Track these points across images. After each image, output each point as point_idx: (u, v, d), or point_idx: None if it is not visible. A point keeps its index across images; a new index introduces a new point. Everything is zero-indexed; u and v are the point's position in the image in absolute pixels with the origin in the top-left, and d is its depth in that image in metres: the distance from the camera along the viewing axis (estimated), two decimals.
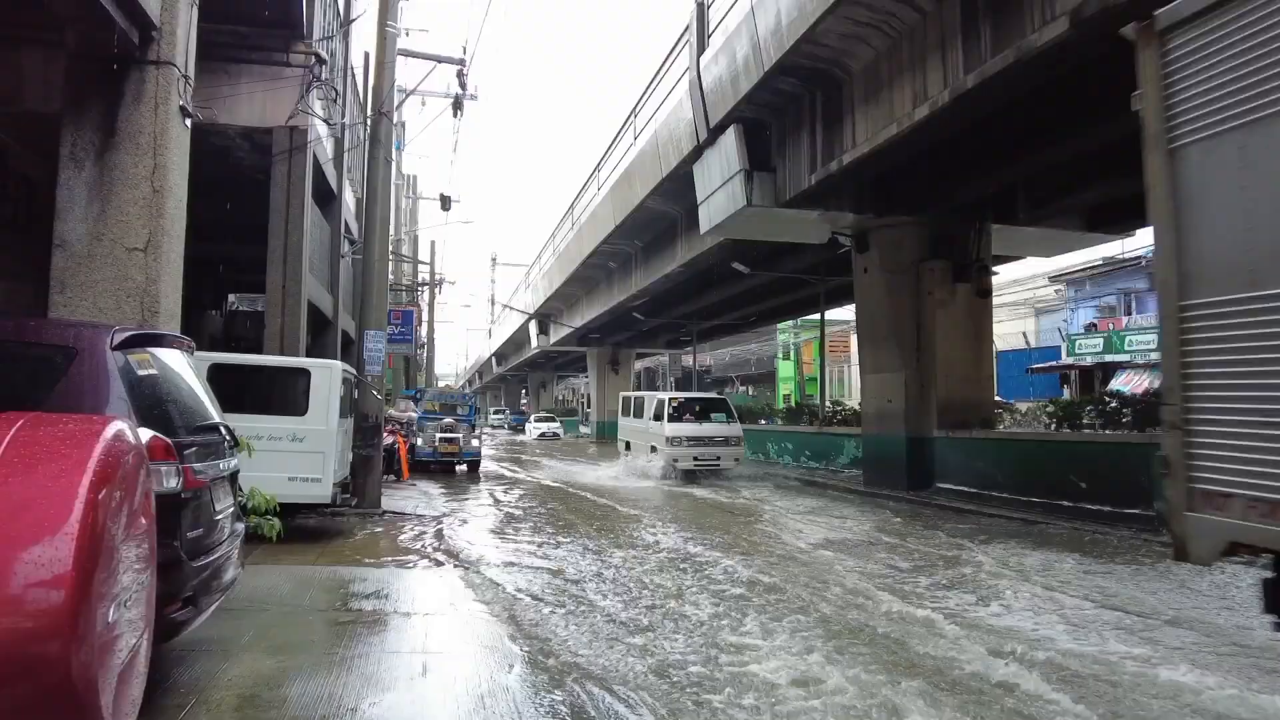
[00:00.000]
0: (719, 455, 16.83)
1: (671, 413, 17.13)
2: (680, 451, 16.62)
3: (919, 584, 7.08)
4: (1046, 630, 5.64)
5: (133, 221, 5.20)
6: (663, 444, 16.82)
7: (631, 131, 19.41)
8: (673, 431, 16.80)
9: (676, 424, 16.98)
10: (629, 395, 21.16)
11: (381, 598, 6.27)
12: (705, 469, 16.85)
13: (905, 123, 10.11)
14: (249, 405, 8.88)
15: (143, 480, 2.15)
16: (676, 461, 16.62)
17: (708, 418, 17.48)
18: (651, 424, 17.66)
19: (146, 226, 5.21)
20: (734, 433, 17.30)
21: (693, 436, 16.83)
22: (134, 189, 5.21)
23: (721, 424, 17.42)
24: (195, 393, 4.21)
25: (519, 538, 9.69)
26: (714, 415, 17.66)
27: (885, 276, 14.56)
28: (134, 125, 5.19)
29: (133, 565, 1.97)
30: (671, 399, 17.78)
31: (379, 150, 11.66)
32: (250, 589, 6.14)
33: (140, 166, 5.22)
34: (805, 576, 7.37)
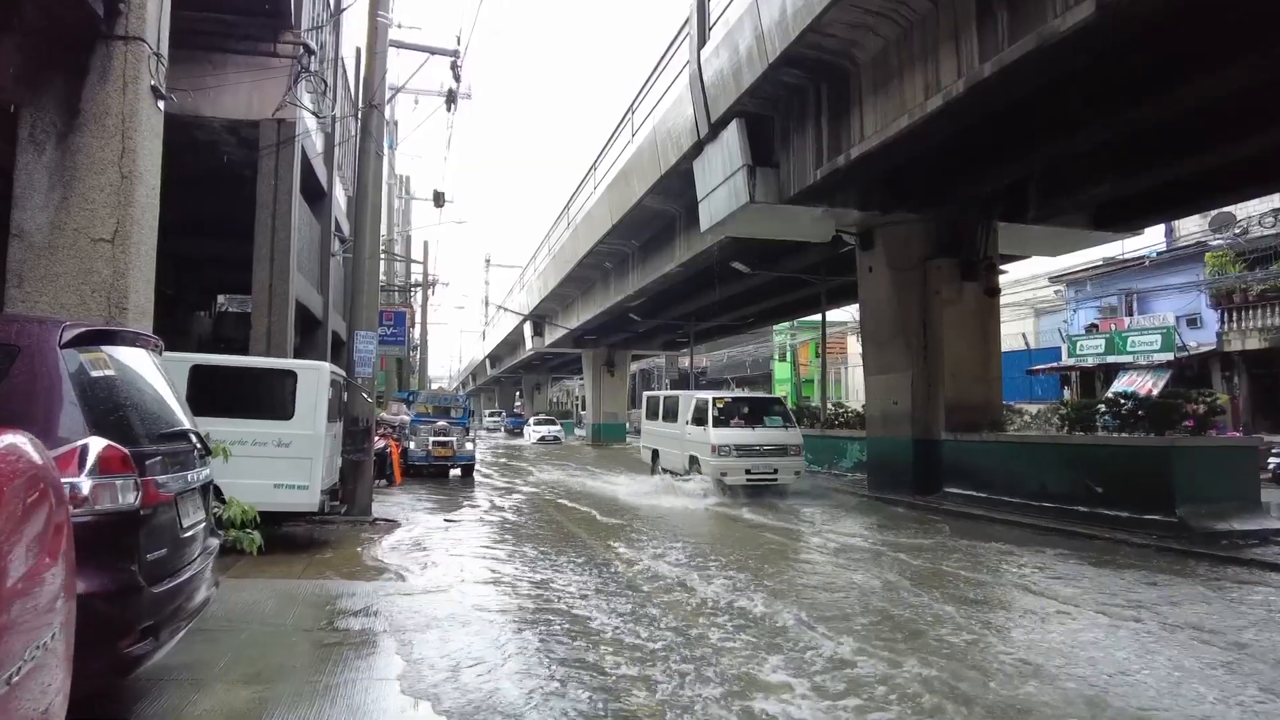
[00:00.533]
0: (776, 468, 13.98)
1: (717, 416, 14.20)
2: (729, 464, 13.77)
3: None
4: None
5: (98, 210, 4.78)
6: (707, 454, 13.96)
7: (629, 128, 19.02)
8: (720, 439, 13.88)
9: (723, 430, 14.06)
10: (656, 395, 18.23)
11: (371, 615, 5.85)
12: (760, 484, 13.99)
13: (917, 114, 9.74)
14: (233, 409, 8.46)
15: (48, 511, 1.73)
16: (724, 476, 13.71)
17: (760, 421, 14.56)
18: (689, 429, 14.88)
19: (114, 215, 4.79)
20: (793, 440, 14.43)
21: (744, 445, 13.92)
22: (100, 174, 4.79)
23: (778, 429, 14.51)
24: (161, 396, 3.80)
25: (518, 554, 9.28)
26: (768, 418, 14.78)
27: (891, 275, 14.19)
28: (100, 105, 4.77)
29: (27, 625, 1.55)
30: (716, 399, 14.68)
31: (370, 143, 11.25)
32: (228, 606, 5.72)
33: (107, 150, 4.81)
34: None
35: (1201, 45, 8.34)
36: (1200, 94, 9.15)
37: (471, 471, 18.32)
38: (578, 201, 25.98)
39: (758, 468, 13.92)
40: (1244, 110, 9.99)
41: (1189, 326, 24.41)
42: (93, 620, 2.90)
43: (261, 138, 11.19)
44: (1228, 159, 11.47)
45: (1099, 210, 14.84)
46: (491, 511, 12.33)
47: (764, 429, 14.44)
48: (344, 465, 10.46)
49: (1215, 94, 9.21)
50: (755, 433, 14.25)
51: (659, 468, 16.76)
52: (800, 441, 14.60)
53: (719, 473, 13.77)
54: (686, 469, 14.96)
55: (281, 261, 10.91)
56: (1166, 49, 8.45)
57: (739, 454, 13.84)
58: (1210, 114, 10.15)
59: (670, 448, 16.12)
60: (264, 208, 10.95)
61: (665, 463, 16.34)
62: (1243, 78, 8.64)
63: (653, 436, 17.57)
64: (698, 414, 14.74)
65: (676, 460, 15.61)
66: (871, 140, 10.80)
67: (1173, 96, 9.15)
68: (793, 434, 14.63)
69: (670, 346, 40.13)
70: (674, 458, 15.80)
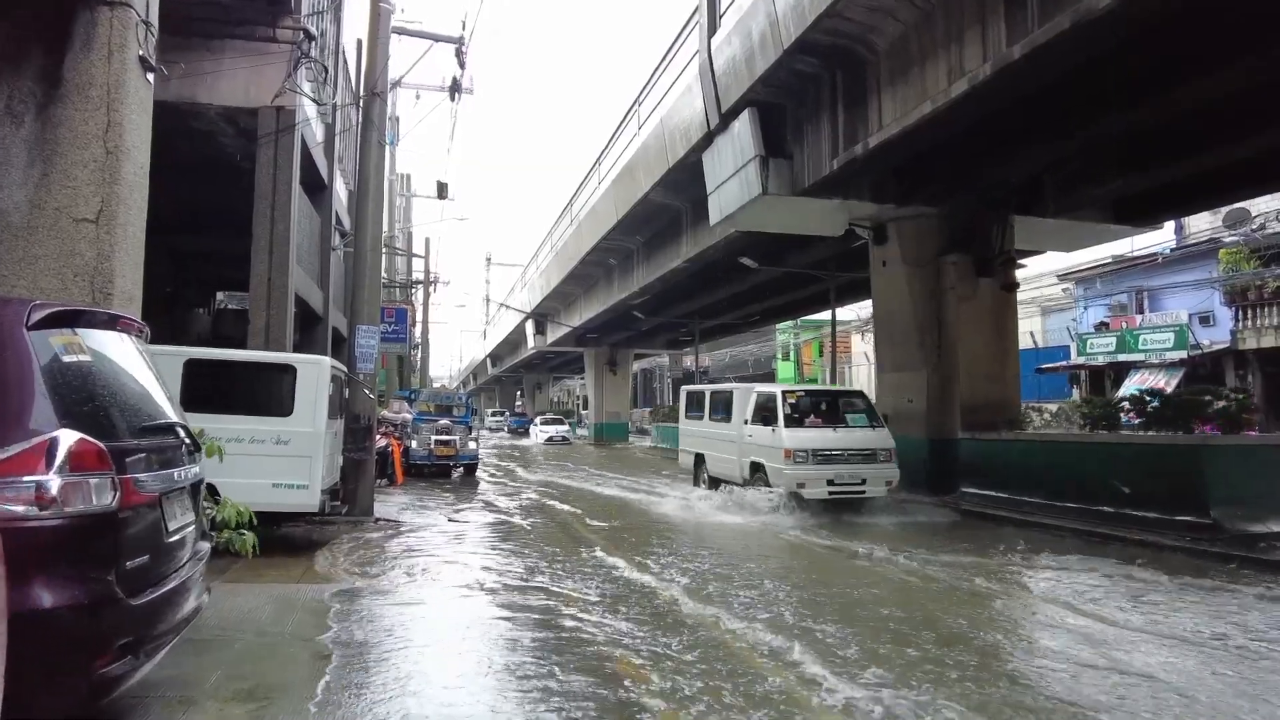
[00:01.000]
0: (864, 478, 11.43)
1: (789, 414, 11.70)
2: (807, 473, 11.19)
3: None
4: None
5: (82, 188, 4.43)
6: (778, 461, 11.35)
7: (635, 121, 18.67)
8: (795, 442, 11.28)
9: (798, 431, 11.52)
10: (700, 390, 15.63)
11: (375, 622, 5.50)
12: (845, 496, 11.42)
13: (940, 100, 9.38)
14: (229, 405, 8.14)
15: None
16: (802, 488, 11.16)
17: (840, 420, 12.08)
18: (751, 431, 12.35)
19: (98, 194, 4.44)
20: (883, 442, 11.82)
21: (825, 450, 11.36)
22: (83, 149, 4.44)
23: (863, 429, 11.97)
24: (144, 386, 3.45)
25: (530, 565, 8.93)
26: (850, 416, 12.23)
27: (905, 270, 13.84)
28: (83, 75, 4.43)
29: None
30: (786, 393, 12.15)
31: (372, 132, 10.91)
32: (222, 613, 5.37)
33: (91, 123, 4.46)
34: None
35: (1244, 28, 7.98)
36: (1235, 81, 8.81)
37: (474, 471, 17.99)
38: (581, 198, 25.64)
39: (843, 477, 11.34)
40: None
41: (1201, 324, 24.07)
42: (62, 638, 2.56)
43: (260, 126, 10.85)
44: (1257, 151, 11.12)
45: (1118, 203, 14.48)
46: (498, 513, 11.98)
47: (846, 429, 11.84)
48: (345, 464, 10.12)
49: (1252, 82, 8.87)
50: (837, 434, 11.66)
51: (703, 475, 14.28)
52: (892, 445, 11.88)
53: (794, 484, 11.17)
54: (746, 478, 12.37)
55: (280, 254, 10.56)
56: (1205, 29, 8.10)
57: (818, 461, 11.31)
58: (1244, 101, 9.79)
59: (722, 452, 13.45)
60: (263, 198, 10.61)
61: (715, 469, 13.86)
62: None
63: (696, 439, 14.82)
64: (762, 411, 12.25)
65: (730, 467, 13.04)
66: (891, 128, 10.45)
67: (1209, 82, 8.82)
68: (881, 435, 11.96)
69: (673, 345, 39.79)
70: (726, 464, 13.27)
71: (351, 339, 10.66)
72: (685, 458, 15.40)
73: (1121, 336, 25.48)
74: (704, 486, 14.02)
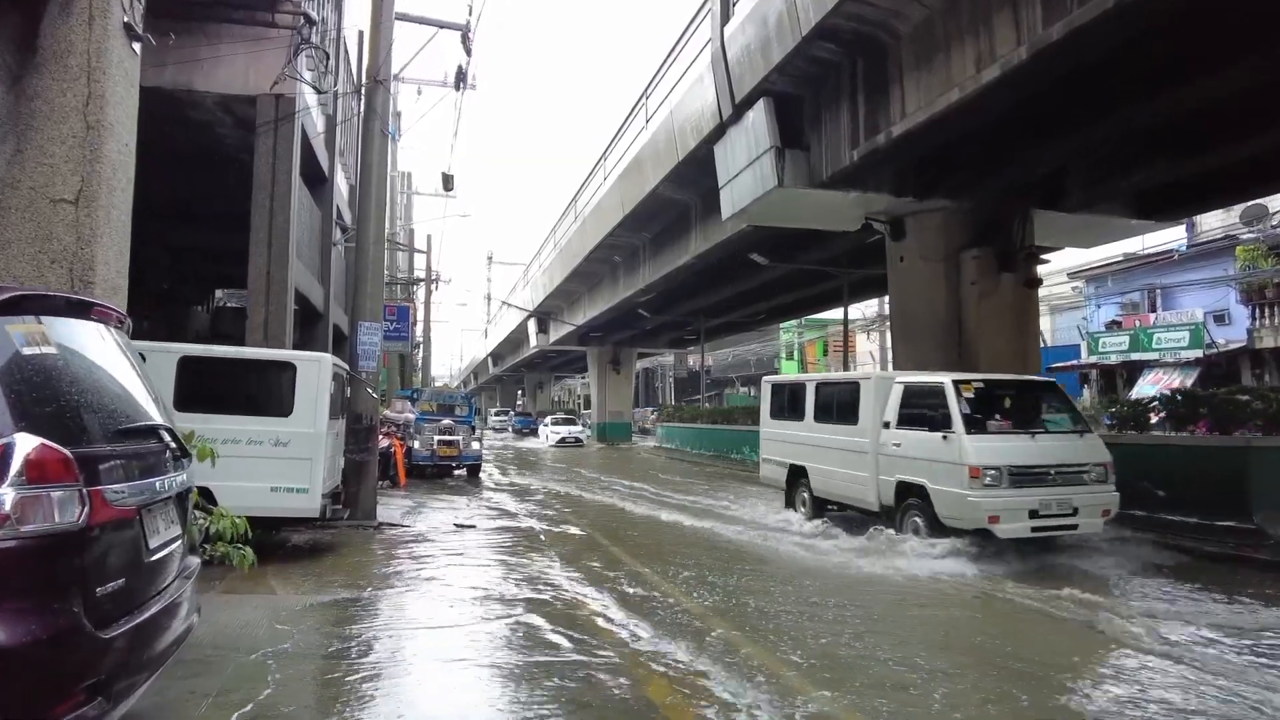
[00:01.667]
0: (1075, 506, 8.07)
1: (968, 414, 8.30)
2: (1002, 501, 7.83)
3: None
4: None
5: (59, 165, 4.03)
6: (958, 484, 7.99)
7: (643, 114, 18.25)
8: (986, 456, 7.98)
9: (986, 439, 8.21)
10: (795, 383, 12.28)
11: (385, 638, 5.10)
12: (1054, 532, 8.25)
13: (970, 87, 8.95)
14: (226, 405, 7.75)
15: None
16: (997, 520, 7.74)
17: (1034, 423, 8.71)
18: (899, 437, 9.02)
19: (78, 172, 4.04)
20: (1094, 455, 8.49)
21: (1026, 468, 8.06)
22: (61, 124, 4.04)
23: (1066, 435, 8.58)
24: (123, 383, 3.04)
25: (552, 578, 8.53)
26: (1048, 418, 8.88)
27: (924, 265, 13.41)
28: (61, 42, 4.02)
29: None
30: (959, 383, 8.66)
31: (375, 121, 10.53)
32: (216, 628, 4.97)
33: (70, 95, 4.06)
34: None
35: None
36: (1272, 71, 8.40)
37: (478, 472, 17.62)
38: (586, 194, 25.23)
39: (1049, 507, 7.97)
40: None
41: (1216, 323, 23.66)
42: (14, 681, 2.15)
43: (259, 114, 10.45)
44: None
45: (1141, 197, 14.05)
46: (506, 518, 11.58)
47: (1047, 437, 8.48)
48: (346, 466, 9.74)
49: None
50: (1036, 444, 8.33)
51: (802, 495, 11.12)
52: (1108, 458, 8.53)
53: (984, 516, 7.74)
54: (889, 504, 9.11)
55: (280, 247, 10.16)
56: (1248, 7, 7.69)
57: (1017, 483, 7.95)
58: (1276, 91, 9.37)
59: (841, 466, 10.04)
60: (261, 189, 10.20)
61: (826, 488, 10.55)
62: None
63: (791, 447, 11.46)
64: (915, 410, 8.93)
65: (857, 488, 9.74)
66: (915, 117, 10.02)
67: (1243, 69, 8.41)
68: (1092, 445, 8.61)
69: (677, 344, 39.37)
70: (848, 484, 9.94)
71: (353, 336, 10.27)
72: (771, 470, 12.07)
73: (1135, 335, 25.07)
74: (804, 510, 10.98)
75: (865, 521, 9.58)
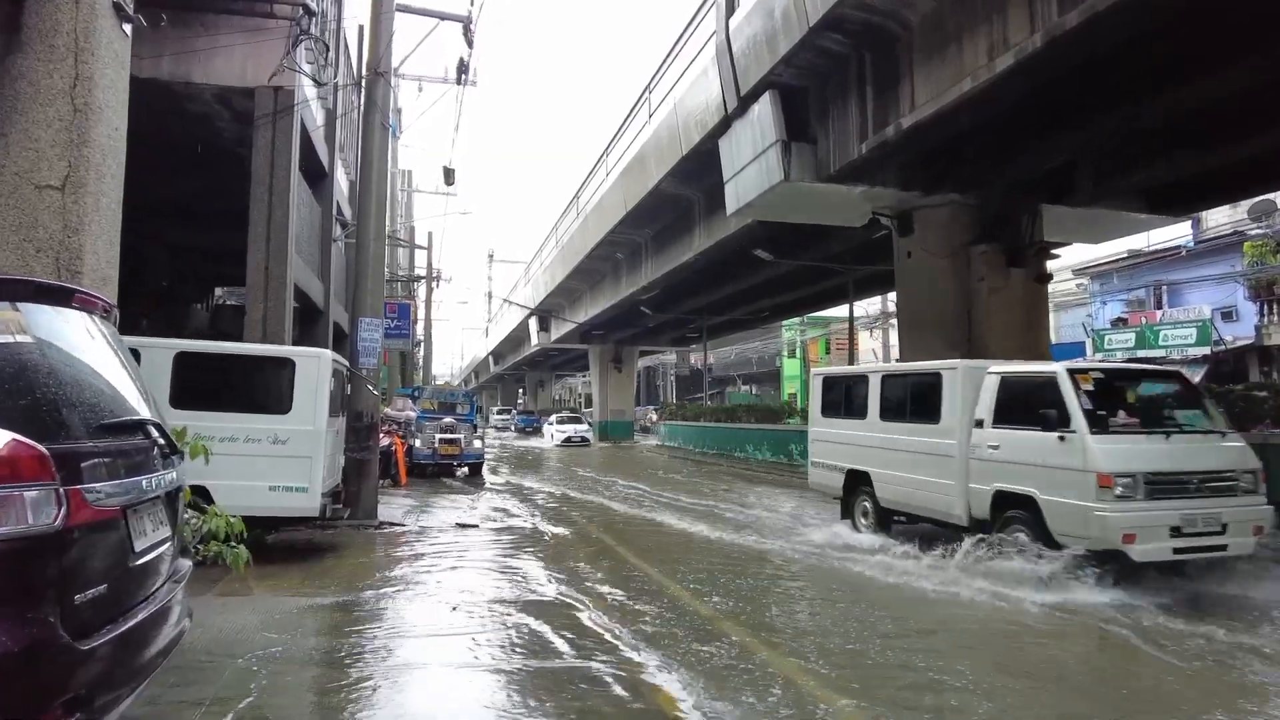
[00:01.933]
0: (1224, 522, 6.66)
1: (1090, 409, 6.88)
2: (1139, 515, 6.48)
3: None
4: None
5: (45, 150, 3.85)
6: (1082, 494, 6.61)
7: (646, 109, 18.06)
8: (1118, 461, 6.61)
9: (1114, 441, 6.79)
10: (855, 375, 10.67)
11: (385, 643, 4.92)
12: (1199, 554, 6.75)
13: (983, 76, 8.76)
14: (223, 402, 7.58)
15: None
16: (1134, 540, 6.38)
17: (1166, 420, 7.34)
18: (997, 437, 7.63)
19: (64, 158, 3.87)
20: (1242, 460, 7.08)
21: (1166, 476, 6.68)
22: (47, 106, 3.86)
23: (1204, 436, 7.22)
24: (108, 376, 2.87)
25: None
26: (1179, 416, 7.46)
27: (931, 261, 13.22)
28: (47, 21, 3.85)
29: None
30: (1076, 372, 7.27)
31: (375, 114, 10.36)
32: (210, 632, 4.80)
33: (56, 77, 3.88)
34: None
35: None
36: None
37: (480, 470, 17.46)
38: (587, 191, 25.05)
39: (1193, 522, 6.54)
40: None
41: (1224, 319, 23.48)
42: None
43: (257, 107, 10.27)
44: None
45: (1152, 192, 13.84)
46: (509, 517, 11.41)
47: (1182, 437, 7.09)
48: (347, 464, 9.56)
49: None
50: (1173, 447, 6.92)
51: (862, 505, 9.55)
52: (1258, 464, 7.13)
53: (1118, 534, 6.37)
54: (982, 517, 7.68)
55: (279, 242, 9.98)
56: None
57: (1156, 492, 6.57)
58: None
59: (918, 472, 8.58)
60: (259, 183, 10.03)
61: (896, 498, 8.99)
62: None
63: (850, 450, 9.81)
64: (1018, 405, 7.52)
65: (938, 497, 8.26)
66: (926, 109, 9.83)
67: (1264, 60, 8.22)
68: (1236, 448, 7.17)
69: (679, 343, 39.19)
70: (929, 493, 8.40)
71: (354, 332, 10.10)
72: (823, 475, 10.41)
73: (1141, 332, 24.90)
74: (865, 523, 9.44)
75: (942, 536, 8.05)
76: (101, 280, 4.06)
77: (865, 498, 9.55)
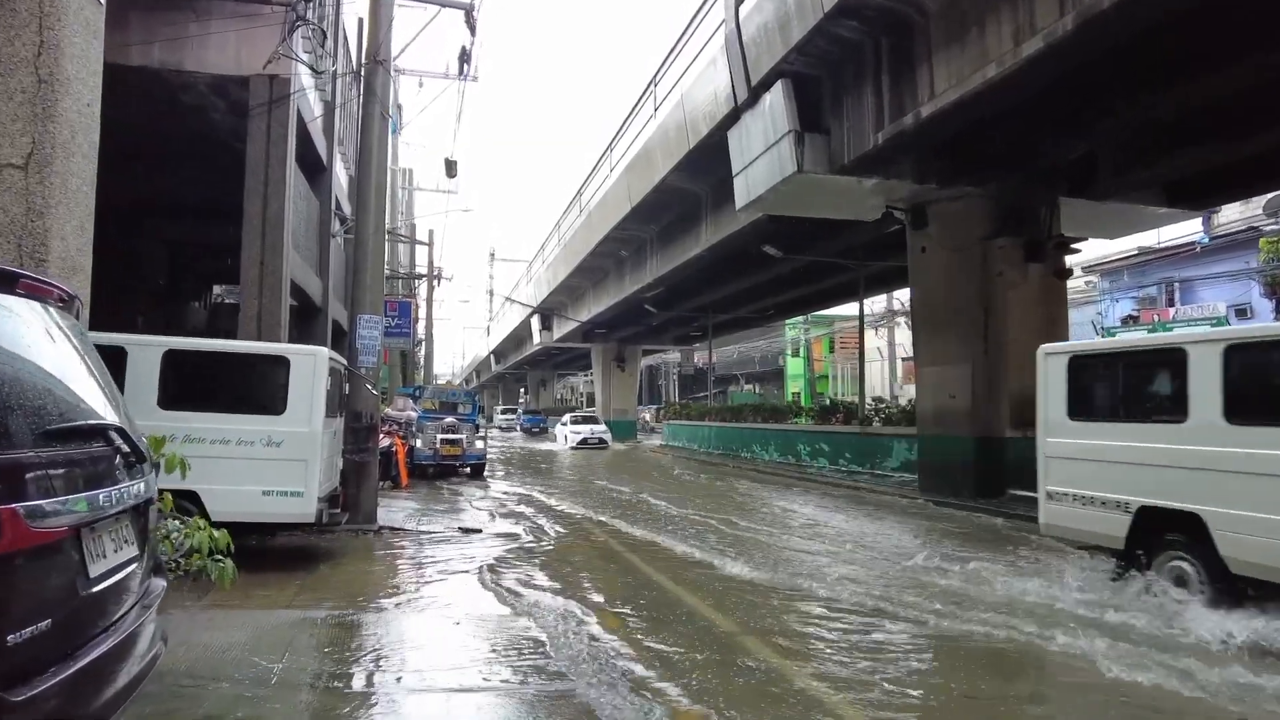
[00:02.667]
0: None
1: None
2: None
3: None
4: None
5: (6, 125, 3.49)
6: None
7: (651, 102, 17.69)
8: None
9: None
10: (1148, 350, 6.78)
11: (384, 662, 4.55)
12: None
13: (1009, 61, 8.39)
14: (214, 402, 7.20)
15: None
16: None
17: None
18: None
19: (27, 133, 3.51)
20: None
21: None
22: (7, 77, 3.50)
23: None
24: (63, 375, 2.50)
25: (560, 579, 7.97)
26: None
27: (947, 255, 12.88)
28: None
29: None
30: None
31: (375, 104, 9.97)
32: (193, 652, 4.44)
33: (18, 44, 3.52)
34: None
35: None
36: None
37: (482, 471, 17.10)
38: (590, 187, 24.69)
39: None
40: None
41: (1238, 316, 23.07)
42: None
43: (252, 95, 9.91)
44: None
45: (1172, 185, 13.46)
46: (509, 519, 11.04)
47: None
48: (345, 466, 9.19)
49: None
50: None
51: (1171, 567, 5.91)
52: None
53: None
54: None
55: (274, 235, 9.62)
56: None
57: None
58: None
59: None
60: (254, 173, 9.66)
61: (1260, 556, 5.25)
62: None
63: (1149, 475, 6.11)
64: None
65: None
66: (946, 96, 9.47)
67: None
68: None
69: (683, 341, 38.80)
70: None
71: (353, 330, 9.73)
72: (1080, 516, 6.66)
73: (1153, 330, 24.49)
74: (1183, 594, 5.72)
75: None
76: (71, 269, 3.70)
77: (1178, 553, 5.89)
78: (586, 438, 28.81)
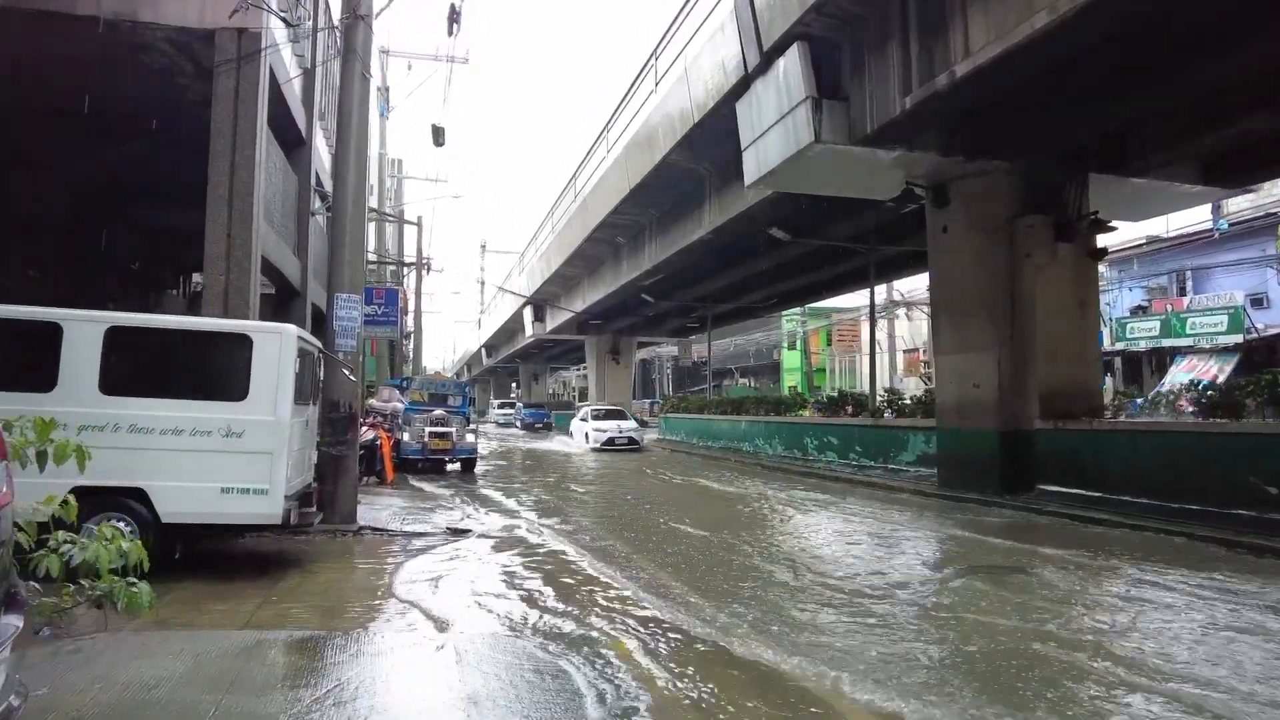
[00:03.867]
0: None
1: None
2: None
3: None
4: None
5: None
6: None
7: (652, 76, 16.77)
8: None
9: None
10: None
11: (355, 703, 3.65)
12: None
13: (1064, 7, 7.52)
14: (166, 387, 6.30)
15: None
16: None
17: None
18: None
19: None
20: None
21: None
22: None
23: None
24: None
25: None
26: None
27: (971, 235, 12.05)
28: None
29: None
30: None
31: (354, 63, 9.08)
32: (114, 691, 3.54)
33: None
34: None
35: None
36: None
37: (473, 467, 16.20)
38: (586, 171, 23.78)
39: None
40: None
41: (1254, 306, 22.38)
42: None
43: (218, 51, 8.94)
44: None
45: (1210, 161, 12.68)
46: (505, 516, 10.16)
47: None
48: (321, 460, 8.29)
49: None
50: None
51: None
52: None
53: None
54: None
55: (243, 204, 8.68)
56: None
57: None
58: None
59: None
60: (220, 136, 8.71)
61: None
62: None
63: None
64: None
65: None
66: (986, 52, 8.58)
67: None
68: None
69: (680, 333, 37.90)
70: None
71: (330, 310, 8.82)
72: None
73: (1166, 320, 23.76)
74: None
75: None
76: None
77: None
78: (614, 437, 24.93)
